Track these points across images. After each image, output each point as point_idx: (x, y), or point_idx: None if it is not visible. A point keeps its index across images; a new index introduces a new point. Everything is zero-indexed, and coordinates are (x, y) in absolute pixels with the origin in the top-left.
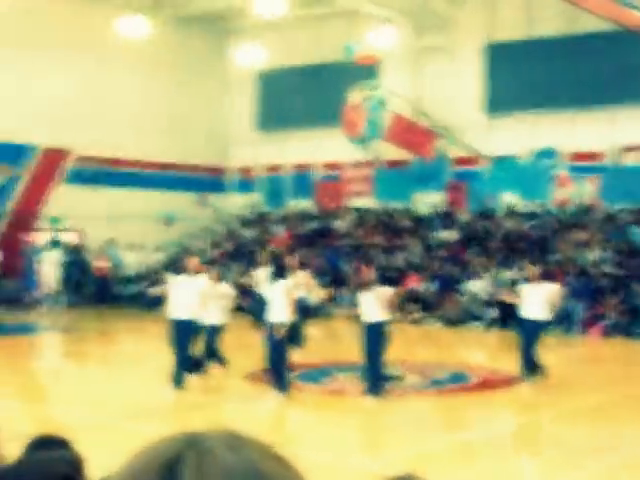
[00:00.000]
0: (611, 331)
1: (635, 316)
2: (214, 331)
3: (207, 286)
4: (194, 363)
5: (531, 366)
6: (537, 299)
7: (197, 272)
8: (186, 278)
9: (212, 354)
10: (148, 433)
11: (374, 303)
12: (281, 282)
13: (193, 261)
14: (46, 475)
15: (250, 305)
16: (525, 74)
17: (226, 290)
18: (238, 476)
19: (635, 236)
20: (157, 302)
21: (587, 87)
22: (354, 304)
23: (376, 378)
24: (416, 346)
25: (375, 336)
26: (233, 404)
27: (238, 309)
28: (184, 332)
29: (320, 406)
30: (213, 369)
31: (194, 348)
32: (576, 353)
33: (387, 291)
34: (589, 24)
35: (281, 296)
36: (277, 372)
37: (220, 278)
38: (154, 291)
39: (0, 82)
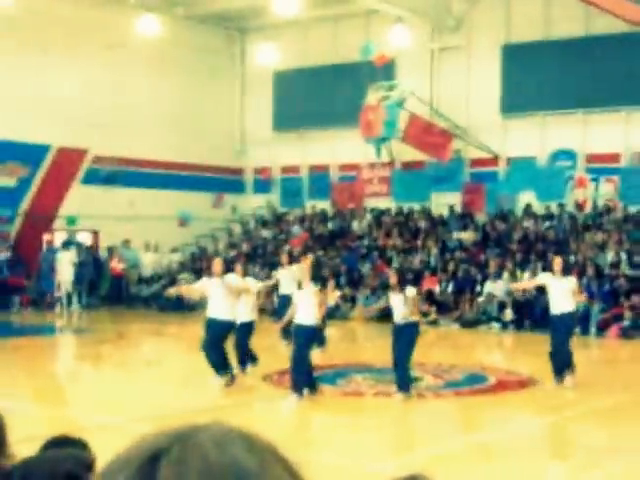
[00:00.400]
0: (628, 332)
1: None
2: (244, 328)
3: (237, 280)
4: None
5: (569, 362)
6: (563, 292)
7: (224, 273)
8: (217, 281)
9: (243, 352)
10: None
11: (404, 305)
12: (311, 285)
13: (218, 263)
14: (51, 472)
15: (275, 306)
16: (541, 75)
17: (253, 283)
18: (218, 471)
19: None
20: (174, 303)
21: (603, 88)
22: (371, 305)
23: (407, 377)
24: (432, 348)
25: (408, 337)
26: (251, 406)
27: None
28: (221, 331)
29: (337, 408)
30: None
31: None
32: (593, 354)
33: (414, 292)
34: (605, 25)
35: (310, 299)
36: (297, 375)
37: (246, 274)
38: (171, 292)
39: (16, 83)
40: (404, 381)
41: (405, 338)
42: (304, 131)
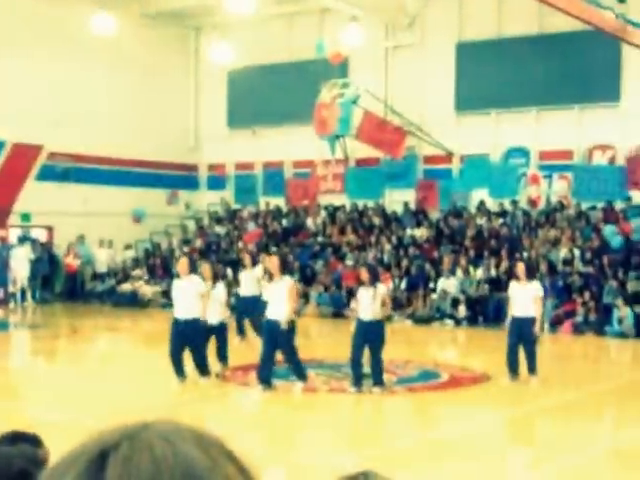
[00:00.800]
0: (581, 328)
1: (605, 313)
2: (215, 331)
3: (203, 287)
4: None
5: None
6: (528, 298)
7: (189, 273)
8: (182, 282)
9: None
10: None
11: (374, 300)
12: (284, 280)
13: (183, 263)
14: (3, 469)
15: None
16: (495, 73)
17: (220, 291)
18: (166, 468)
19: (606, 233)
20: (128, 299)
21: (556, 86)
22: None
23: (380, 370)
24: (385, 344)
25: (380, 334)
26: (207, 403)
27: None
28: (192, 332)
29: (291, 404)
30: (187, 368)
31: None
32: (546, 350)
33: (384, 288)
34: (559, 24)
35: (284, 293)
36: (295, 365)
37: (214, 276)
38: (124, 288)
39: None
40: (380, 376)
41: (376, 336)
42: (258, 128)
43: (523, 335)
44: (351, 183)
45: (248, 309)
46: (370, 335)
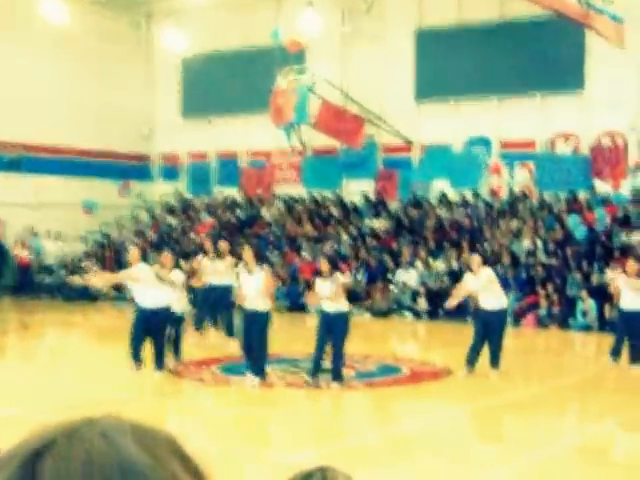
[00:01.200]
0: (545, 321)
1: (569, 306)
2: (174, 321)
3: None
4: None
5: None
6: (483, 287)
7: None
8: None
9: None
10: None
11: (334, 291)
12: (259, 271)
13: (134, 253)
14: None
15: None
16: (456, 60)
17: (179, 278)
18: (102, 466)
19: (570, 224)
20: (79, 293)
21: (518, 74)
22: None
23: (341, 365)
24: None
25: (344, 327)
26: (156, 399)
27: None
28: (155, 321)
29: (246, 400)
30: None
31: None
32: (509, 344)
33: (341, 278)
34: (521, 10)
35: (260, 284)
36: (261, 360)
37: (173, 265)
38: (75, 280)
39: None
40: (340, 370)
41: (340, 328)
42: (213, 116)
43: (489, 328)
44: (308, 173)
45: (217, 300)
46: (334, 327)
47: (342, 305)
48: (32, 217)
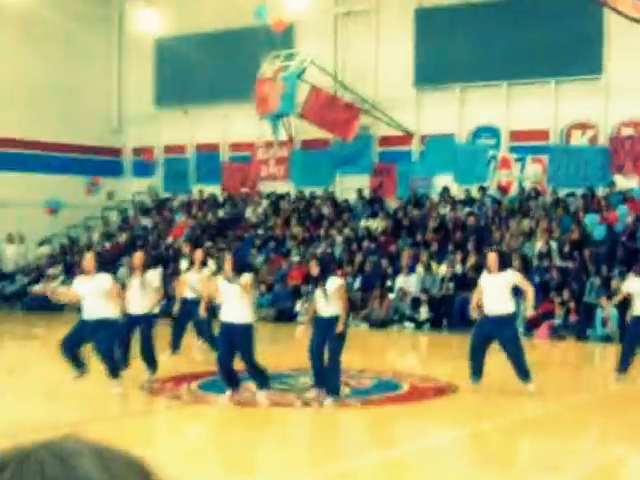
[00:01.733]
0: (560, 332)
1: (587, 315)
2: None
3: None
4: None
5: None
6: (499, 289)
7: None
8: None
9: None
10: None
11: (326, 298)
12: (245, 276)
13: (89, 259)
14: None
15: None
16: (460, 42)
17: (155, 277)
18: None
19: (587, 223)
20: (41, 302)
21: (530, 57)
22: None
23: (338, 376)
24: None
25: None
26: (124, 419)
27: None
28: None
29: (227, 420)
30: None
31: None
32: None
33: (336, 283)
34: None
35: (239, 294)
36: (257, 370)
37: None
38: (38, 290)
39: None
40: (335, 384)
41: (335, 336)
42: (190, 106)
43: (495, 336)
44: (296, 168)
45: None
46: (329, 332)
47: (338, 310)
48: None
